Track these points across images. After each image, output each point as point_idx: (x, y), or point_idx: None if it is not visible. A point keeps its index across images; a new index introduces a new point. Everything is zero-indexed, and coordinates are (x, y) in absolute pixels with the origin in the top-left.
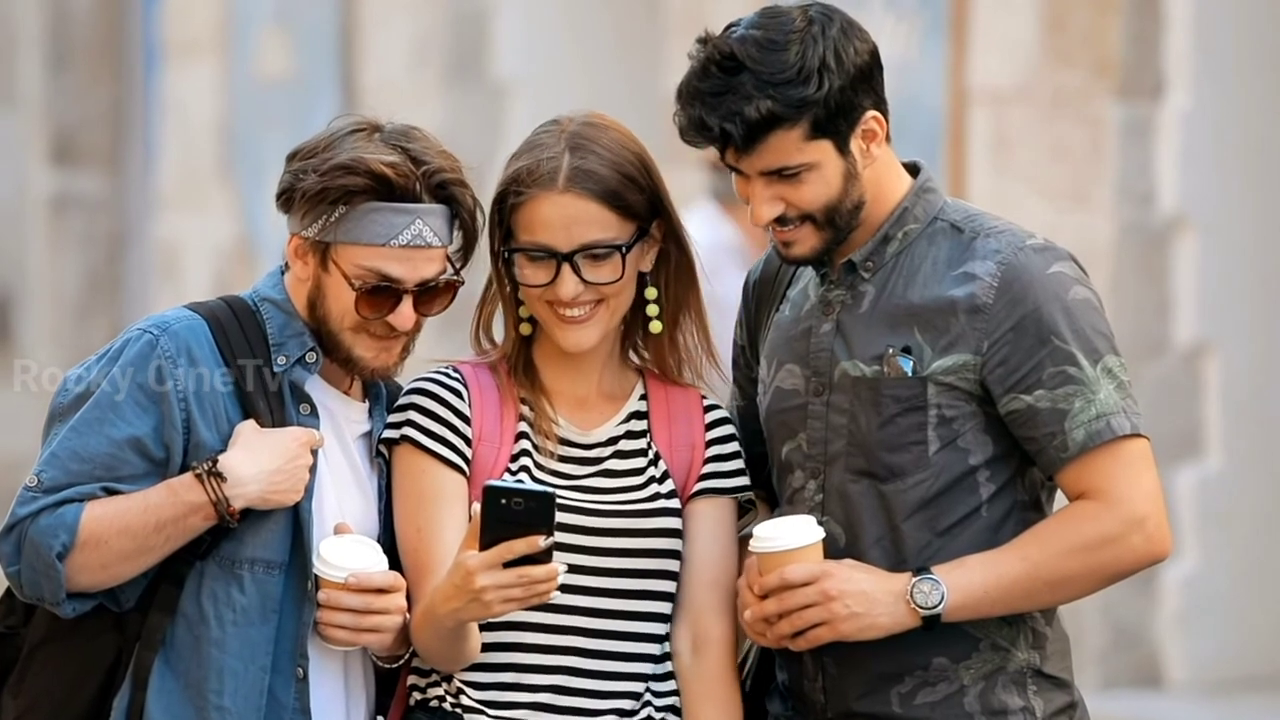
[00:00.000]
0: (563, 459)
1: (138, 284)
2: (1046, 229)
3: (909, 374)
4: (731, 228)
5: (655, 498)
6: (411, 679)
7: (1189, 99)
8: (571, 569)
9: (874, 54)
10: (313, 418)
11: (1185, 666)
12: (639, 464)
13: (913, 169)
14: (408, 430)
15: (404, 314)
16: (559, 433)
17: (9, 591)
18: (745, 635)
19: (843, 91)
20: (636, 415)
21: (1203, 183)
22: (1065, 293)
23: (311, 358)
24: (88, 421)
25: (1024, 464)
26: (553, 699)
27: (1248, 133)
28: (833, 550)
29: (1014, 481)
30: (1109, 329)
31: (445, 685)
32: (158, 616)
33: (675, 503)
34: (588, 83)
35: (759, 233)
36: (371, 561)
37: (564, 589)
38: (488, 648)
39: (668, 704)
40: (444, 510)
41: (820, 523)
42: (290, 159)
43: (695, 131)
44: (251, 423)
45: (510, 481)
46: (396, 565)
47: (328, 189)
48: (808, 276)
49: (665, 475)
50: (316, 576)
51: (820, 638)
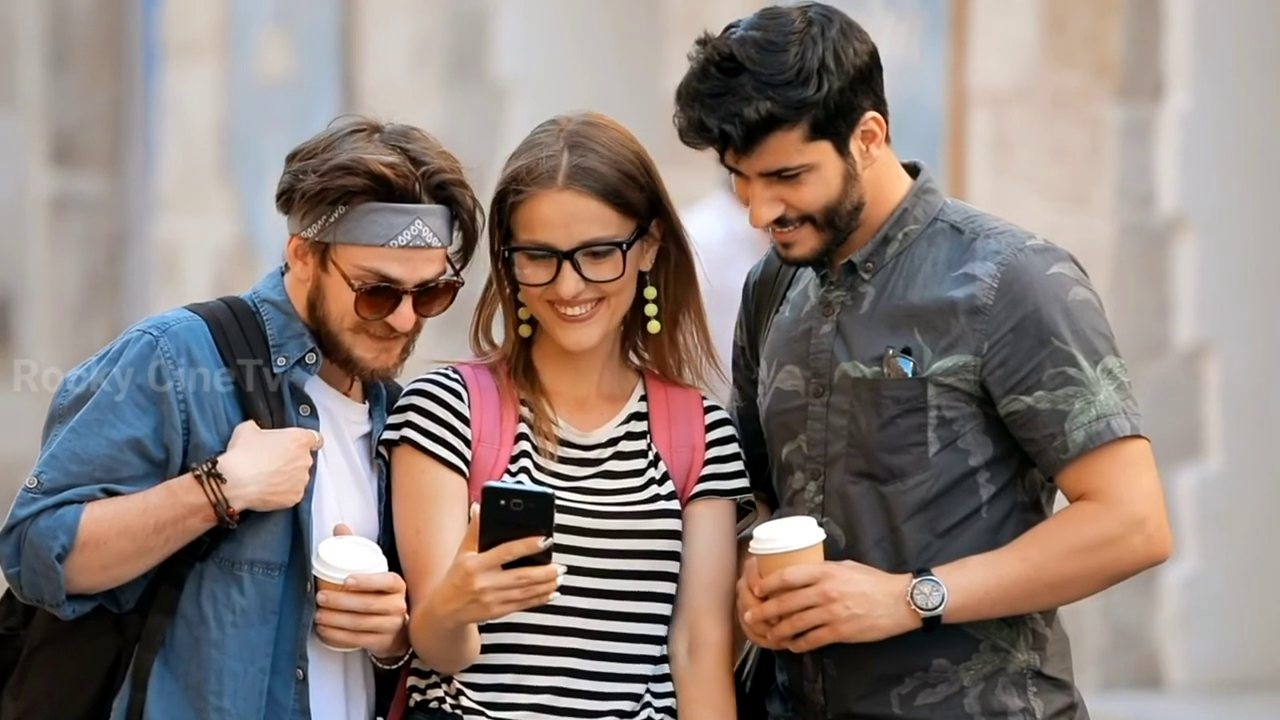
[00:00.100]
0: (562, 460)
1: (138, 285)
2: (1046, 230)
3: (909, 375)
4: (745, 219)
5: (655, 499)
6: (411, 680)
7: (1189, 100)
8: (571, 570)
9: (873, 55)
10: (312, 419)
11: (1185, 667)
12: (639, 465)
13: (913, 170)
14: (407, 431)
15: (403, 315)
16: (559, 434)
17: (9, 593)
18: (745, 636)
19: (842, 92)
20: (636, 416)
21: (1203, 183)
22: (1065, 293)
23: (311, 359)
24: (87, 423)
25: (1024, 465)
26: (552, 700)
27: (1248, 133)
28: (833, 551)
29: (1014, 483)
30: (1109, 330)
31: (445, 686)
32: (157, 618)
33: (675, 504)
34: (588, 83)
35: None
36: (371, 563)
37: (563, 590)
38: (487, 649)
39: (667, 705)
40: (443, 511)
41: (820, 524)
42: (290, 160)
43: (695, 133)
44: (251, 424)
45: (509, 483)
46: (396, 566)
47: (327, 189)
48: (808, 278)
49: (665, 476)
50: (316, 578)
51: (820, 639)
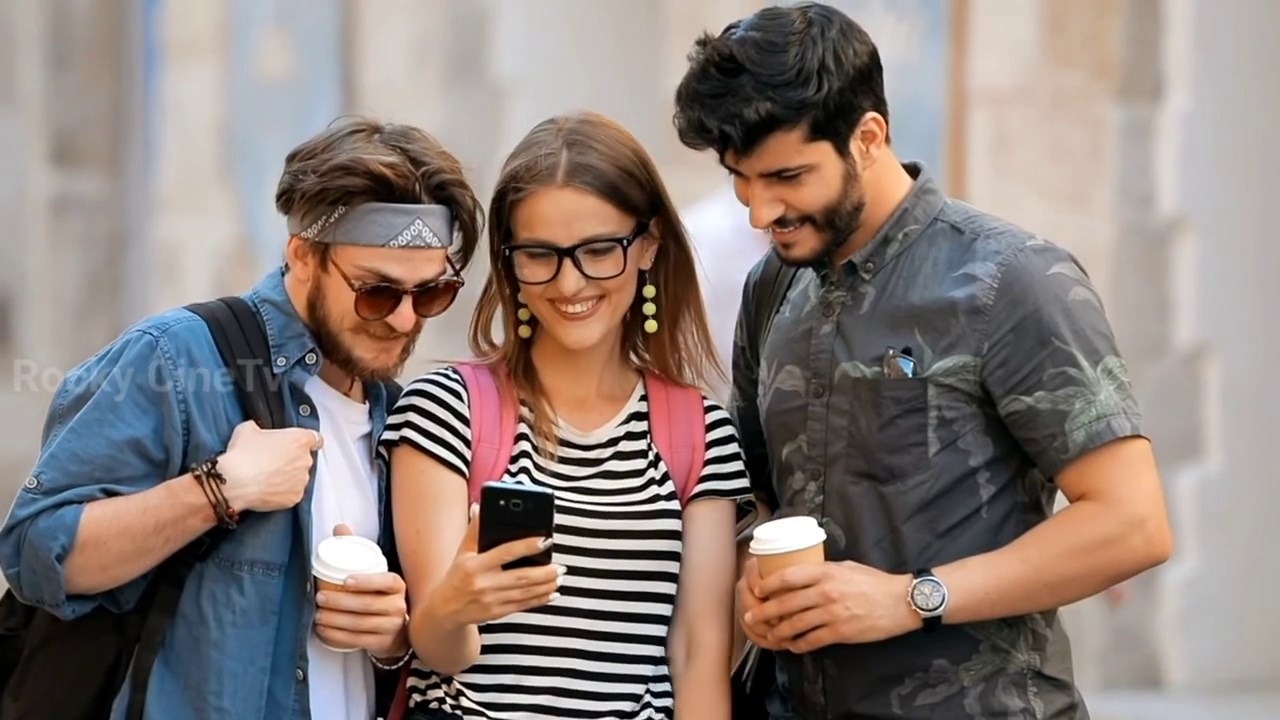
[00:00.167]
0: (562, 460)
1: (138, 285)
2: (1046, 230)
3: (909, 375)
4: None
5: (655, 499)
6: (411, 680)
7: (1189, 100)
8: (571, 570)
9: (873, 55)
10: (312, 419)
11: (1185, 668)
12: (639, 465)
13: (913, 170)
14: (407, 431)
15: (403, 315)
16: (559, 434)
17: (9, 593)
18: (746, 637)
19: (842, 93)
20: (637, 416)
21: (1203, 184)
22: (1065, 294)
23: (311, 359)
24: (87, 423)
25: (1024, 465)
26: (552, 701)
27: (1248, 134)
28: (833, 552)
29: (1014, 483)
30: (1109, 330)
31: (445, 687)
32: (157, 618)
33: (675, 504)
34: (588, 83)
35: None
36: (370, 563)
37: (563, 590)
38: (487, 649)
39: (667, 705)
40: (443, 512)
41: (820, 524)
42: (290, 160)
43: (694, 133)
44: (251, 424)
45: (509, 483)
46: (396, 567)
47: (327, 190)
48: (808, 278)
49: (665, 477)
50: (315, 578)
51: (821, 639)
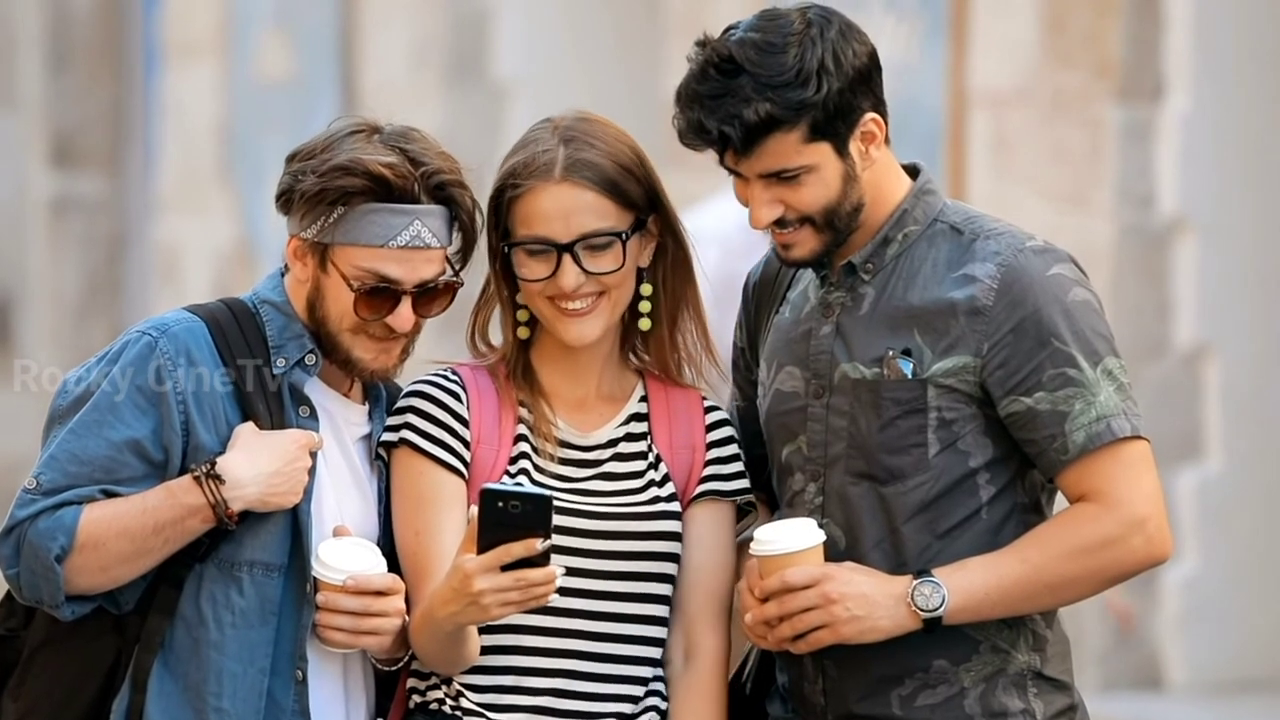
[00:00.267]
0: (562, 461)
1: (137, 286)
2: (1046, 231)
3: (909, 376)
4: None
5: (655, 500)
6: (411, 681)
7: (1189, 101)
8: (570, 571)
9: (872, 56)
10: (312, 420)
11: (1185, 668)
12: (639, 466)
13: (912, 171)
14: (406, 433)
15: (403, 315)
16: (558, 435)
17: (9, 594)
18: (746, 638)
19: (841, 94)
20: (636, 417)
21: (1203, 185)
22: (1065, 294)
23: (311, 360)
24: (87, 424)
25: (1024, 466)
26: (552, 702)
27: (1248, 134)
28: (833, 553)
29: (1014, 484)
30: (1109, 331)
31: (445, 688)
32: (157, 619)
33: (675, 505)
34: (588, 83)
35: None
36: (370, 564)
37: (563, 592)
38: (487, 651)
39: (667, 706)
40: (442, 513)
41: (820, 525)
42: (289, 160)
43: (694, 134)
44: (250, 425)
45: (507, 484)
46: (395, 568)
47: (326, 190)
48: (807, 279)
49: (665, 478)
50: (315, 579)
51: (821, 640)
